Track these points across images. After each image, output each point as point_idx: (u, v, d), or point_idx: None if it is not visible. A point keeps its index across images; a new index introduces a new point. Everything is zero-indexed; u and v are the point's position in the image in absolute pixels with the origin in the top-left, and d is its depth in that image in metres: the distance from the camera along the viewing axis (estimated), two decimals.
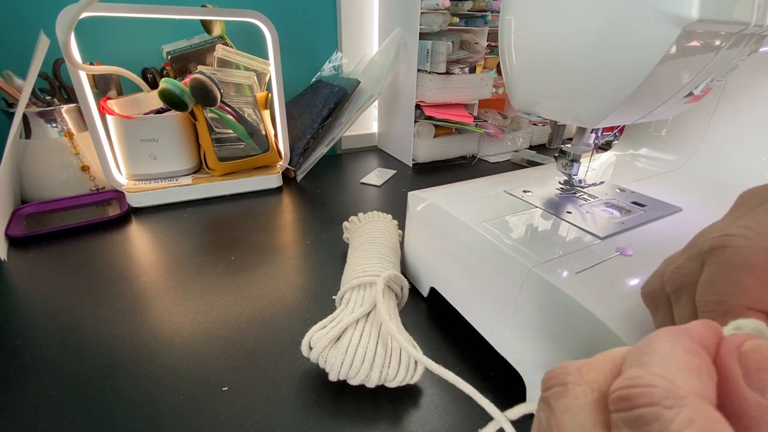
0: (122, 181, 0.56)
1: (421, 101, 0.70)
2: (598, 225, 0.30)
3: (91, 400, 0.27)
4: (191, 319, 0.34)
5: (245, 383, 0.28)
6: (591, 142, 0.32)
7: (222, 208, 0.56)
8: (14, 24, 0.57)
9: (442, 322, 0.34)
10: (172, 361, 0.30)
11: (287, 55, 0.66)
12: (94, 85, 0.58)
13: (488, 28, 0.69)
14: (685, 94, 0.26)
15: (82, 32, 0.49)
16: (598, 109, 0.26)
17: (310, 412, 0.26)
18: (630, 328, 0.20)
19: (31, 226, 0.49)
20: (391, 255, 0.35)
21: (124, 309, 0.35)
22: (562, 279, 0.24)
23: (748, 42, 0.23)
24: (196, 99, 0.53)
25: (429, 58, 0.66)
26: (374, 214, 0.41)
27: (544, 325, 0.24)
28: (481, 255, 0.29)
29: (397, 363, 0.26)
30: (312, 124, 0.65)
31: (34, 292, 0.38)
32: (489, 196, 0.35)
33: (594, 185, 0.36)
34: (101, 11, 0.45)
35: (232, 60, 0.60)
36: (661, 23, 0.20)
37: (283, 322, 0.34)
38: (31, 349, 0.31)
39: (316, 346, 0.26)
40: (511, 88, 0.31)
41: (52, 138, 0.53)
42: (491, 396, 0.27)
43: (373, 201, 0.59)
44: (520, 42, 0.28)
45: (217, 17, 0.59)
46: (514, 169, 0.53)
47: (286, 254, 0.44)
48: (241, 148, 0.61)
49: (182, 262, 0.42)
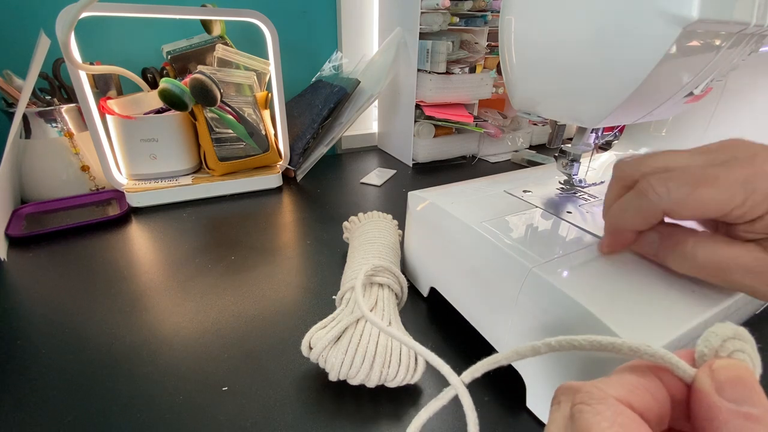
0: (122, 180, 0.56)
1: (421, 101, 0.70)
2: (598, 225, 0.30)
3: (91, 400, 0.27)
4: (191, 319, 0.34)
5: (245, 383, 0.28)
6: (591, 142, 0.32)
7: (222, 208, 0.56)
8: (14, 24, 0.57)
9: (442, 322, 0.34)
10: (171, 361, 0.30)
11: (287, 55, 0.66)
12: (94, 85, 0.58)
13: (488, 28, 0.69)
14: (685, 94, 0.26)
15: (82, 32, 0.49)
16: (598, 109, 0.26)
17: (310, 412, 0.26)
18: (630, 329, 0.20)
19: (31, 226, 0.49)
20: (391, 255, 0.35)
21: (124, 309, 0.35)
22: (562, 279, 0.24)
23: (748, 42, 0.23)
24: (196, 99, 0.53)
25: (429, 58, 0.66)
26: (374, 214, 0.41)
27: (544, 325, 0.24)
28: (481, 255, 0.29)
29: (397, 363, 0.26)
30: (312, 124, 0.65)
31: (34, 292, 0.38)
32: (489, 196, 0.35)
33: (594, 185, 0.36)
34: (101, 11, 0.45)
35: (232, 60, 0.60)
36: (661, 23, 0.20)
37: (283, 322, 0.34)
38: (31, 349, 0.31)
39: (316, 346, 0.26)
40: (511, 88, 0.31)
41: (52, 138, 0.53)
42: (491, 395, 0.27)
43: (373, 201, 0.59)
44: (520, 42, 0.28)
45: (217, 17, 0.59)
46: (514, 169, 0.53)
47: (286, 254, 0.44)
48: (241, 148, 0.61)
49: (182, 262, 0.42)
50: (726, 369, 0.13)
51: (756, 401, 0.12)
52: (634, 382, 0.13)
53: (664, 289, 0.23)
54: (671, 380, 0.14)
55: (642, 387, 0.13)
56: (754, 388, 0.12)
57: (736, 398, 0.12)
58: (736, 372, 0.13)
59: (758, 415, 0.12)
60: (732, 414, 0.12)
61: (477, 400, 0.27)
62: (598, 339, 0.14)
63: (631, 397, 0.13)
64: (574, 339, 0.14)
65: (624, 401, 0.13)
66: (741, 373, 0.13)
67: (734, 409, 0.12)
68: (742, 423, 0.12)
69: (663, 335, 0.20)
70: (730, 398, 0.12)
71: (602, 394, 0.13)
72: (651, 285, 0.23)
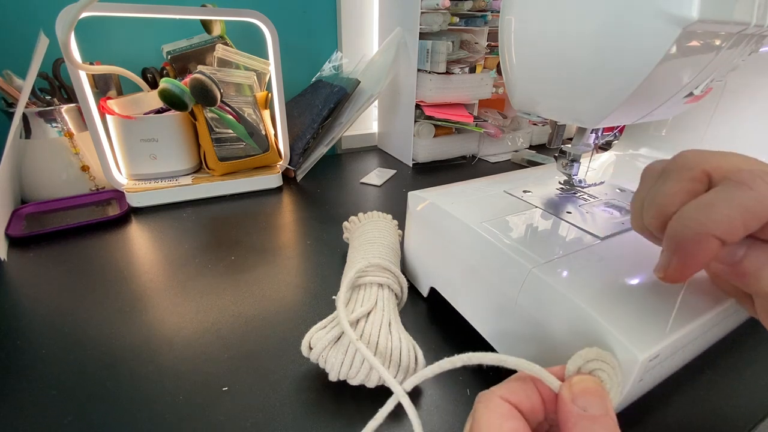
0: (122, 180, 0.56)
1: (421, 101, 0.70)
2: (598, 225, 0.30)
3: (91, 400, 0.27)
4: (191, 319, 0.34)
5: (245, 383, 0.28)
6: (591, 142, 0.32)
7: (222, 208, 0.56)
8: (14, 24, 0.57)
9: (442, 322, 0.34)
10: (171, 361, 0.30)
11: (287, 55, 0.66)
12: (94, 85, 0.58)
13: (488, 28, 0.69)
14: (685, 95, 0.26)
15: (82, 32, 0.49)
16: (598, 109, 0.26)
17: (310, 412, 0.26)
18: (630, 330, 0.20)
19: (31, 226, 0.49)
20: (391, 255, 0.35)
21: (124, 309, 0.35)
22: (562, 280, 0.24)
23: (748, 42, 0.23)
24: (196, 99, 0.53)
25: (429, 58, 0.66)
26: (374, 214, 0.41)
27: (544, 326, 0.24)
28: (480, 255, 0.29)
29: (397, 363, 0.26)
30: (312, 124, 0.65)
31: (34, 292, 0.38)
32: (489, 196, 0.35)
33: (594, 185, 0.36)
34: (101, 11, 0.45)
35: (232, 60, 0.60)
36: (661, 23, 0.20)
37: (283, 322, 0.34)
38: (31, 349, 0.31)
39: (316, 346, 0.26)
40: (511, 88, 0.31)
41: (52, 138, 0.53)
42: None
43: (373, 201, 0.59)
44: (520, 42, 0.28)
45: (217, 17, 0.59)
46: (514, 169, 0.53)
47: (286, 254, 0.44)
48: (241, 148, 0.61)
49: (182, 262, 0.42)
50: (580, 383, 0.17)
51: (599, 406, 0.16)
52: (515, 386, 0.18)
53: (664, 290, 0.23)
54: (545, 387, 0.18)
55: (520, 389, 0.18)
56: (600, 397, 0.16)
57: (584, 405, 0.16)
58: (587, 385, 0.17)
59: (598, 416, 0.16)
60: (580, 417, 0.16)
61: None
62: (499, 356, 0.19)
63: (510, 395, 0.17)
64: (482, 355, 0.19)
65: (505, 398, 0.17)
66: (590, 386, 0.17)
67: (581, 413, 0.16)
68: (586, 423, 0.16)
69: (663, 335, 0.20)
70: (580, 405, 0.16)
71: (491, 395, 0.18)
72: (651, 286, 0.23)
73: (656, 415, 0.26)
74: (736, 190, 0.16)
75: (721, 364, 0.30)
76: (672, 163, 0.19)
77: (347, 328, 0.25)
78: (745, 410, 0.27)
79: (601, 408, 0.16)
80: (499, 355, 0.19)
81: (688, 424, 0.26)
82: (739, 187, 0.16)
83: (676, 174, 0.18)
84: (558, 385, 0.17)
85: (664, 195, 0.19)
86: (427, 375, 0.20)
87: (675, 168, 0.19)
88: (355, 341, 0.25)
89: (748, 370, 0.30)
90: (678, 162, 0.19)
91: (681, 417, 0.26)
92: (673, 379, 0.25)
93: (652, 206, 0.19)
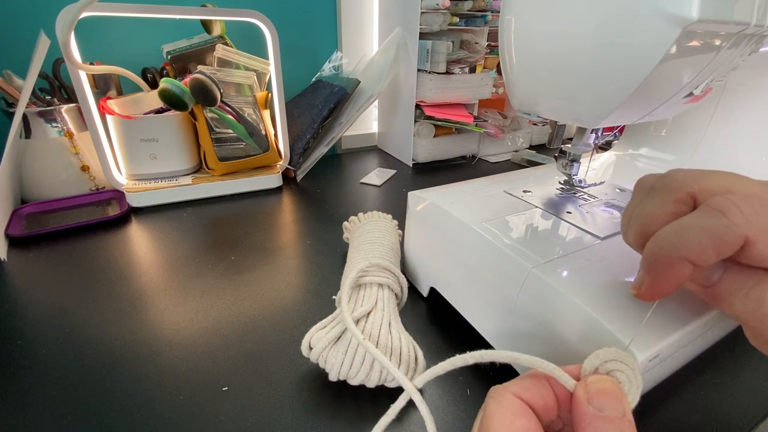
0: (122, 180, 0.56)
1: (421, 101, 0.70)
2: (598, 225, 0.30)
3: (91, 400, 0.27)
4: (191, 319, 0.34)
5: (245, 383, 0.28)
6: (591, 142, 0.32)
7: (222, 208, 0.56)
8: (14, 24, 0.57)
9: (442, 322, 0.34)
10: (171, 361, 0.30)
11: (287, 55, 0.66)
12: (94, 85, 0.58)
13: (488, 28, 0.69)
14: (685, 94, 0.26)
15: (82, 32, 0.49)
16: (598, 109, 0.26)
17: (310, 412, 0.26)
18: (630, 330, 0.20)
19: (31, 226, 0.49)
20: (391, 255, 0.35)
21: (124, 309, 0.35)
22: (562, 279, 0.24)
23: (748, 42, 0.23)
24: (196, 99, 0.53)
25: (429, 58, 0.66)
26: (374, 214, 0.41)
27: (544, 326, 0.24)
28: (481, 255, 0.29)
29: (397, 363, 0.26)
30: (312, 124, 0.65)
31: (34, 292, 0.38)
32: (489, 196, 0.35)
33: (594, 185, 0.36)
34: (101, 11, 0.45)
35: (232, 60, 0.60)
36: (661, 23, 0.20)
37: (283, 322, 0.34)
38: (31, 349, 0.31)
39: (316, 346, 0.26)
40: (511, 88, 0.31)
41: (52, 138, 0.53)
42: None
43: (373, 201, 0.59)
44: (520, 42, 0.28)
45: (217, 17, 0.59)
46: (514, 169, 0.53)
47: (286, 254, 0.44)
48: (241, 148, 0.61)
49: (182, 262, 0.42)
50: (596, 383, 0.16)
51: (615, 408, 0.16)
52: (528, 383, 0.18)
53: None
54: (559, 386, 0.17)
55: (533, 386, 0.17)
56: (617, 398, 0.16)
57: (600, 405, 0.16)
58: (604, 385, 0.16)
59: (613, 417, 0.15)
60: (595, 417, 0.15)
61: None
62: (513, 354, 0.18)
63: (523, 392, 0.17)
64: (495, 353, 0.19)
65: (517, 395, 0.17)
66: (607, 386, 0.16)
67: (596, 414, 0.15)
68: (601, 424, 0.15)
69: (663, 335, 0.20)
70: (596, 405, 0.16)
71: (503, 390, 0.17)
72: None
73: (656, 415, 0.26)
74: (709, 217, 0.17)
75: (721, 364, 0.30)
76: (660, 180, 0.20)
77: (353, 327, 0.25)
78: (745, 410, 0.27)
79: (617, 410, 0.15)
80: (513, 353, 0.18)
81: (688, 424, 0.26)
82: (712, 214, 0.17)
83: (662, 194, 0.19)
84: (573, 384, 0.17)
85: (647, 215, 0.19)
86: (439, 372, 0.19)
87: (662, 187, 0.19)
88: (362, 341, 0.25)
89: (748, 370, 0.30)
90: (666, 181, 0.19)
91: (681, 417, 0.26)
92: (673, 379, 0.25)
93: (636, 224, 0.20)
